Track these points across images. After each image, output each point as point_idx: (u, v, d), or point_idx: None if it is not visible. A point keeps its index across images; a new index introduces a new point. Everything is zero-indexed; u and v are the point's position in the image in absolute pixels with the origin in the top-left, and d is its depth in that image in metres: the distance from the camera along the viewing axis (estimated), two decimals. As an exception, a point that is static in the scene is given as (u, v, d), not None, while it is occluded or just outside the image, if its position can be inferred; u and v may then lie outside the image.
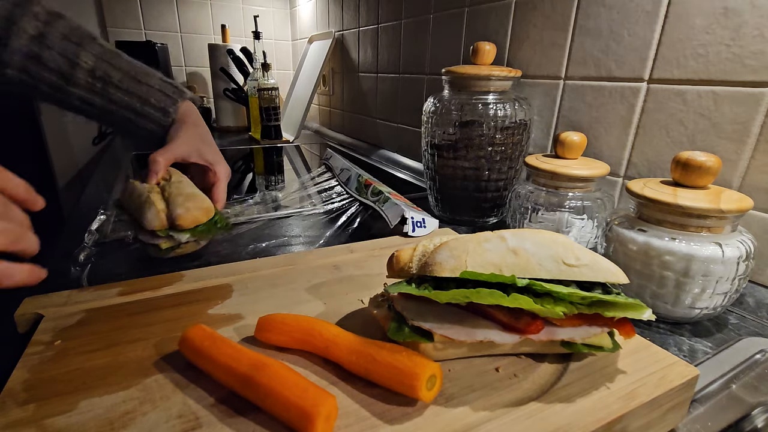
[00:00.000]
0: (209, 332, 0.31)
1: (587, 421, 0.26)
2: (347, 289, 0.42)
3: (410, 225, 0.57)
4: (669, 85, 0.53)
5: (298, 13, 1.73)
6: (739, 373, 0.37)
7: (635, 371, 0.31)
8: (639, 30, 0.55)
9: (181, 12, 1.63)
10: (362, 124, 1.36)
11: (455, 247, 0.30)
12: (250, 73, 1.46)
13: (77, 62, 0.53)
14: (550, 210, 0.55)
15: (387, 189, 0.71)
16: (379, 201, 0.66)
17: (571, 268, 0.29)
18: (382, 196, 0.67)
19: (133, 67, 0.57)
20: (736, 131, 0.48)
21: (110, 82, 0.55)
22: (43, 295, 0.39)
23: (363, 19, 1.23)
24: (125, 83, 0.56)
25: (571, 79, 0.65)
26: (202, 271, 0.45)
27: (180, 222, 0.47)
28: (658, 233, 0.41)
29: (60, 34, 0.52)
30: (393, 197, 0.66)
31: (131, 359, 0.31)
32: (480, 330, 0.30)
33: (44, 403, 0.27)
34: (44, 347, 0.32)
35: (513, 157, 0.65)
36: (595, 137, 0.63)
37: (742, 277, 0.40)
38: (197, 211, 0.48)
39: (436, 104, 0.66)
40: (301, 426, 0.24)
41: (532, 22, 0.69)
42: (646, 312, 0.29)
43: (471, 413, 0.27)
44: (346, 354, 0.30)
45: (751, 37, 0.46)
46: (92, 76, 0.54)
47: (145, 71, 0.58)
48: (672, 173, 0.43)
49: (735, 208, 0.38)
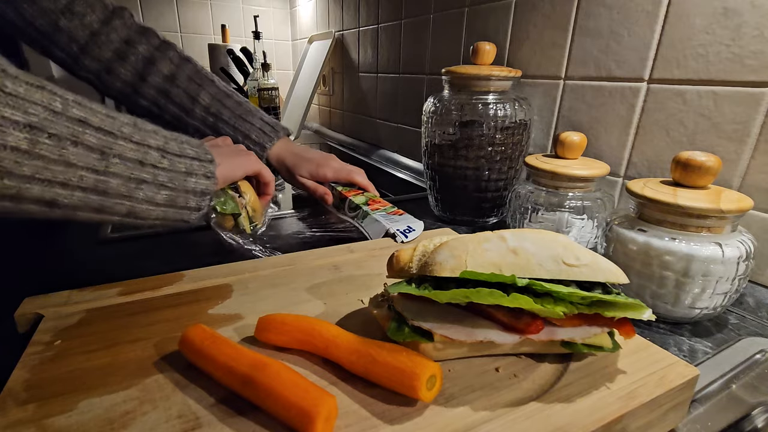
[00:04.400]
0: (209, 332, 0.31)
1: (587, 421, 0.26)
2: (347, 289, 0.42)
3: (400, 236, 0.55)
4: (669, 85, 0.53)
5: (298, 13, 1.73)
6: (739, 373, 0.37)
7: (635, 371, 0.31)
8: (639, 30, 0.55)
9: (181, 12, 1.63)
10: (362, 124, 1.36)
11: (455, 247, 0.30)
12: (250, 73, 1.46)
13: (197, 99, 0.63)
14: (550, 210, 0.55)
15: (364, 199, 0.65)
16: (357, 217, 0.62)
17: (571, 268, 0.29)
18: (360, 212, 0.62)
19: (240, 107, 0.66)
20: (736, 131, 0.48)
21: (221, 118, 0.65)
22: (43, 295, 0.39)
23: (363, 19, 1.23)
24: (233, 120, 0.65)
25: (571, 79, 0.65)
26: (202, 271, 0.45)
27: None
28: (658, 233, 0.41)
29: (187, 76, 0.63)
30: (373, 208, 0.62)
31: (131, 359, 0.31)
32: (480, 330, 0.30)
33: (44, 403, 0.27)
34: (44, 347, 0.32)
35: (513, 157, 0.65)
36: (595, 137, 0.63)
37: (742, 277, 0.40)
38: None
39: (436, 104, 0.66)
40: (301, 426, 0.24)
41: (532, 22, 0.69)
42: (646, 312, 0.29)
43: (471, 413, 0.27)
44: (346, 354, 0.30)
45: (751, 37, 0.46)
46: (207, 112, 0.64)
47: (249, 110, 0.67)
48: (672, 173, 0.43)
49: (735, 208, 0.38)
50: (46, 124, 0.30)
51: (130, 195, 0.36)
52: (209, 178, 0.43)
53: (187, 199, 0.41)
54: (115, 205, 0.36)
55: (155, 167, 0.38)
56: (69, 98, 0.32)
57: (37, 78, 0.31)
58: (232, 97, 0.66)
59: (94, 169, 0.33)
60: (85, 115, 0.33)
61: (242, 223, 0.53)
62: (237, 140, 0.65)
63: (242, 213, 0.52)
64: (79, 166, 0.32)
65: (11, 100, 0.28)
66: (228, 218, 0.51)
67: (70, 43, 0.58)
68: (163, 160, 0.38)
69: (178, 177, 0.40)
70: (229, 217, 0.51)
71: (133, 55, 0.61)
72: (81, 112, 0.33)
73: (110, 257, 0.55)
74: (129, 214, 0.37)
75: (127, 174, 0.35)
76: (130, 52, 0.61)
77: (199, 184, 0.42)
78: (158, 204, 0.38)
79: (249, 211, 0.54)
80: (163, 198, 0.39)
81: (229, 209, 0.50)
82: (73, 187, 0.32)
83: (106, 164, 0.34)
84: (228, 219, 0.51)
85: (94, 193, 0.34)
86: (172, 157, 0.39)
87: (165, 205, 0.39)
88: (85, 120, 0.33)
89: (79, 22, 0.57)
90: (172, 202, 0.40)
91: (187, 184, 0.41)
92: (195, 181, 0.41)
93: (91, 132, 0.33)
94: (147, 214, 0.38)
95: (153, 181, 0.38)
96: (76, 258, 0.54)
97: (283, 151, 0.68)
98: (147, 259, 0.53)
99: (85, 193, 0.33)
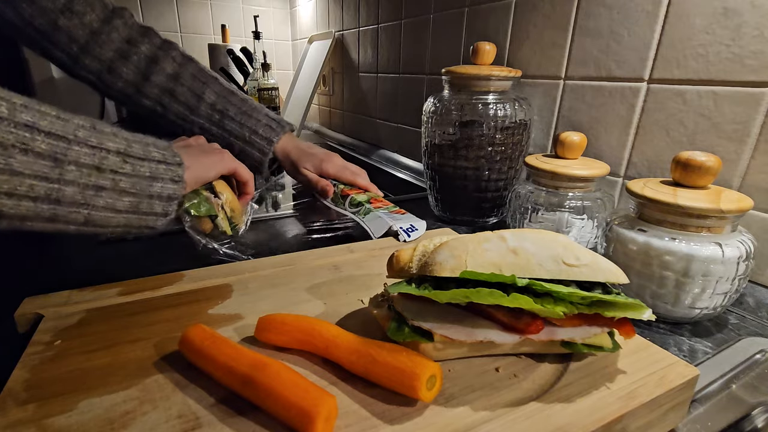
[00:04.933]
0: (209, 332, 0.31)
1: (587, 421, 0.26)
2: (347, 289, 0.42)
3: (403, 234, 0.56)
4: (669, 85, 0.53)
5: (298, 13, 1.73)
6: (739, 373, 0.37)
7: (635, 371, 0.31)
8: (639, 30, 0.55)
9: (181, 12, 1.63)
10: (362, 124, 1.36)
11: (455, 247, 0.30)
12: (250, 73, 1.46)
13: (203, 97, 0.64)
14: (550, 210, 0.55)
15: (367, 197, 0.65)
16: (359, 213, 0.62)
17: (571, 267, 0.29)
18: (363, 208, 0.62)
19: (245, 104, 0.66)
20: (736, 131, 0.48)
21: (227, 115, 0.65)
22: (43, 295, 0.39)
23: (363, 19, 1.23)
24: (238, 117, 0.65)
25: (571, 79, 0.65)
26: (202, 271, 0.45)
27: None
28: (658, 233, 0.41)
29: (190, 74, 0.64)
30: (375, 206, 0.62)
31: (131, 359, 0.31)
32: (480, 330, 0.30)
33: (44, 403, 0.27)
34: (44, 347, 0.32)
35: (513, 157, 0.65)
36: (595, 137, 0.63)
37: (742, 277, 0.40)
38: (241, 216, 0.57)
39: (436, 104, 0.66)
40: (301, 426, 0.24)
41: (532, 22, 0.69)
42: (646, 312, 0.29)
43: (471, 413, 0.27)
44: (346, 354, 0.30)
45: (751, 37, 0.46)
46: (213, 109, 0.64)
47: (254, 107, 0.67)
48: (672, 173, 0.43)
49: (735, 208, 0.38)
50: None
51: (88, 203, 0.34)
52: (177, 182, 0.41)
53: (152, 205, 0.39)
54: (70, 214, 0.33)
55: (115, 172, 0.35)
56: (16, 101, 0.30)
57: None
58: (237, 95, 0.67)
59: (45, 177, 0.31)
60: (34, 119, 0.30)
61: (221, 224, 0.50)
62: (244, 136, 0.65)
63: (219, 214, 0.50)
64: (27, 175, 0.30)
65: None
66: (204, 221, 0.49)
67: (69, 43, 0.58)
68: (125, 165, 0.36)
69: (141, 182, 0.37)
70: (206, 220, 0.49)
71: (135, 55, 0.61)
72: (29, 117, 0.30)
73: (110, 257, 0.55)
74: (86, 222, 0.35)
75: (83, 181, 0.33)
76: (132, 52, 0.60)
77: (165, 189, 0.39)
78: (119, 211, 0.36)
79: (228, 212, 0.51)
80: (124, 205, 0.36)
81: (204, 211, 0.47)
82: (20, 196, 0.30)
83: (59, 172, 0.32)
84: (205, 221, 0.49)
85: (46, 202, 0.31)
86: (134, 161, 0.37)
87: (127, 212, 0.37)
88: (34, 125, 0.30)
89: (79, 21, 0.57)
90: (135, 208, 0.37)
91: (152, 189, 0.38)
92: (161, 186, 0.39)
93: (42, 138, 0.30)
94: (106, 222, 0.36)
95: (113, 188, 0.35)
96: (76, 258, 0.54)
97: (288, 145, 0.69)
98: (147, 259, 0.53)
99: (35, 203, 0.31)
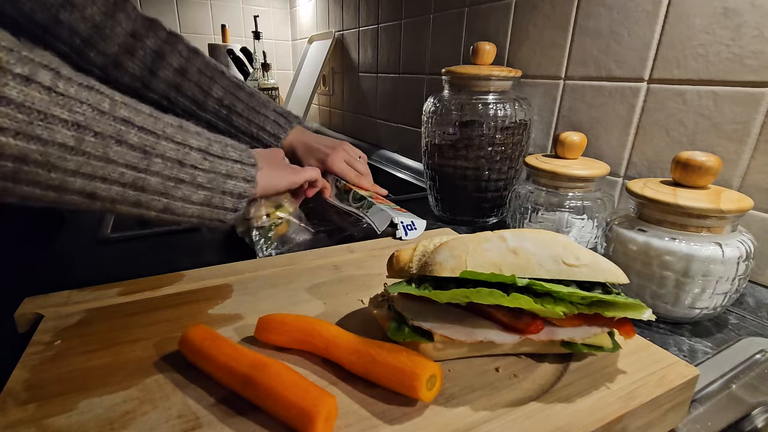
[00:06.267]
0: (209, 332, 0.31)
1: (587, 421, 0.26)
2: (347, 289, 0.42)
3: (402, 229, 0.56)
4: (669, 85, 0.53)
5: (298, 13, 1.73)
6: (739, 373, 0.37)
7: (635, 371, 0.31)
8: (639, 30, 0.55)
9: (181, 12, 1.63)
10: (362, 124, 1.36)
11: (455, 247, 0.30)
12: (250, 73, 1.46)
13: (210, 93, 0.63)
14: (550, 210, 0.55)
15: (368, 193, 0.66)
16: (363, 207, 0.62)
17: (571, 267, 0.29)
18: (366, 202, 0.62)
19: (253, 99, 0.66)
20: (736, 131, 0.48)
21: (234, 111, 0.64)
22: (43, 295, 0.39)
23: (363, 19, 1.23)
24: (246, 113, 0.65)
25: (571, 79, 0.65)
26: (202, 271, 0.45)
27: None
28: (658, 233, 0.41)
29: (197, 69, 0.63)
30: (377, 201, 0.62)
31: (131, 359, 0.31)
32: (480, 330, 0.30)
33: (44, 403, 0.27)
34: (44, 347, 0.32)
35: (513, 157, 0.65)
36: (595, 137, 0.63)
37: (742, 277, 0.40)
38: None
39: (436, 104, 0.66)
40: (301, 426, 0.24)
41: (532, 22, 0.69)
42: (646, 312, 0.29)
43: (471, 413, 0.27)
44: (346, 354, 0.30)
45: (751, 37, 0.46)
46: (220, 104, 0.64)
47: (262, 102, 0.67)
48: (672, 173, 0.43)
49: (735, 208, 0.38)
50: (92, 123, 0.32)
51: (167, 192, 0.38)
52: (249, 182, 0.45)
53: (224, 200, 0.43)
54: (151, 201, 0.37)
55: (195, 168, 0.40)
56: (117, 99, 0.34)
57: (89, 79, 0.33)
58: (244, 89, 0.66)
59: (134, 167, 0.35)
60: (130, 115, 0.35)
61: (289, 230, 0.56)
62: (252, 132, 0.66)
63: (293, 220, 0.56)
64: (120, 163, 0.34)
65: (61, 99, 0.30)
66: (284, 225, 0.55)
67: (72, 37, 0.57)
68: (204, 162, 0.40)
69: (217, 178, 0.42)
70: (286, 224, 0.55)
71: (141, 49, 0.60)
72: (126, 113, 0.34)
73: (110, 257, 0.55)
74: (165, 210, 0.39)
75: (166, 173, 0.37)
76: (137, 46, 0.60)
77: (237, 187, 0.43)
78: (194, 203, 0.40)
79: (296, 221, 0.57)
80: (199, 198, 0.40)
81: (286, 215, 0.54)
82: (112, 181, 0.34)
83: (147, 163, 0.36)
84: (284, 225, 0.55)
85: (133, 188, 0.36)
86: (213, 158, 0.41)
87: (201, 204, 0.41)
88: (130, 120, 0.35)
89: (80, 15, 0.57)
90: (208, 202, 0.41)
91: (225, 185, 0.42)
92: (234, 183, 0.43)
93: (135, 131, 0.35)
94: (183, 211, 0.40)
95: (191, 182, 0.39)
96: (76, 258, 0.54)
97: (294, 141, 0.68)
98: (147, 259, 0.53)
99: (124, 188, 0.35)
